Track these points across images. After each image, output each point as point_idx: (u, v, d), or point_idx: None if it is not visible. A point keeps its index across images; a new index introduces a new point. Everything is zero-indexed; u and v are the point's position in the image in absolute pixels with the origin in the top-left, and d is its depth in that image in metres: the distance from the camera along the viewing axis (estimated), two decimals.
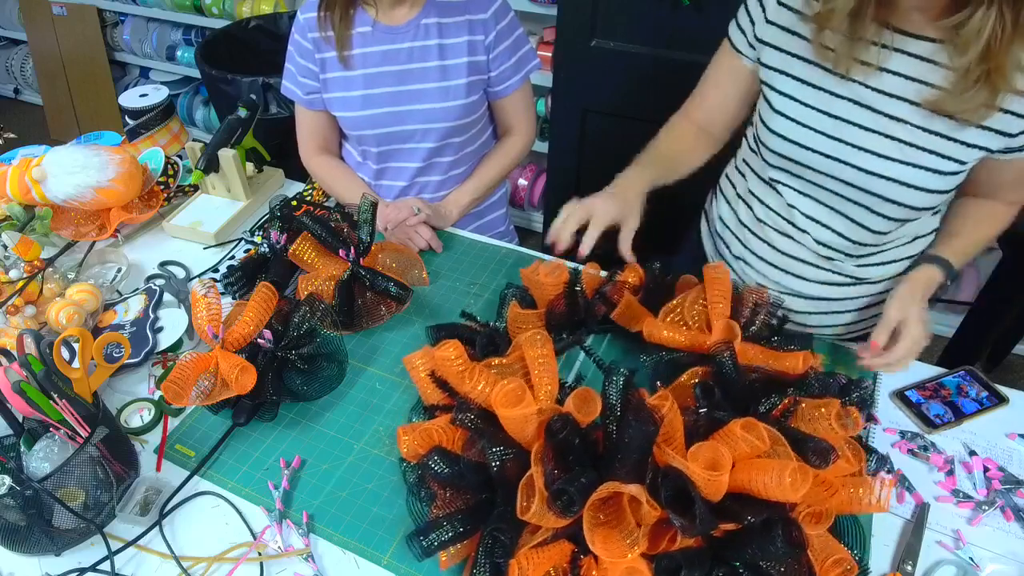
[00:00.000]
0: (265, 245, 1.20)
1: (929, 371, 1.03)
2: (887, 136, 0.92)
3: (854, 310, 1.13)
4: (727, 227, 1.18)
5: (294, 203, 1.40)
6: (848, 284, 1.10)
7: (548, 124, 2.36)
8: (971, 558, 0.80)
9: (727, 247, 1.19)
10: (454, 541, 0.76)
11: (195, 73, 3.19)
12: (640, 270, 1.07)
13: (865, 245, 1.04)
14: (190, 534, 0.84)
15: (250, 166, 1.43)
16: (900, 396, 0.99)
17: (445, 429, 0.84)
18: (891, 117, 0.91)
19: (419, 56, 1.25)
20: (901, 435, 0.94)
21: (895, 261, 1.07)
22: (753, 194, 1.12)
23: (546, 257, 1.24)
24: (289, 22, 2.63)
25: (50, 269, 1.16)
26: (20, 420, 0.84)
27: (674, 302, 1.00)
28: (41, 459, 0.82)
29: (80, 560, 0.81)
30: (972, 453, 0.90)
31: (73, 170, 1.22)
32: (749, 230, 1.13)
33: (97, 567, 0.80)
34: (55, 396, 0.80)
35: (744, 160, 1.15)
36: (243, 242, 1.32)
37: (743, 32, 1.02)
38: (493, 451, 0.77)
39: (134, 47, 3.29)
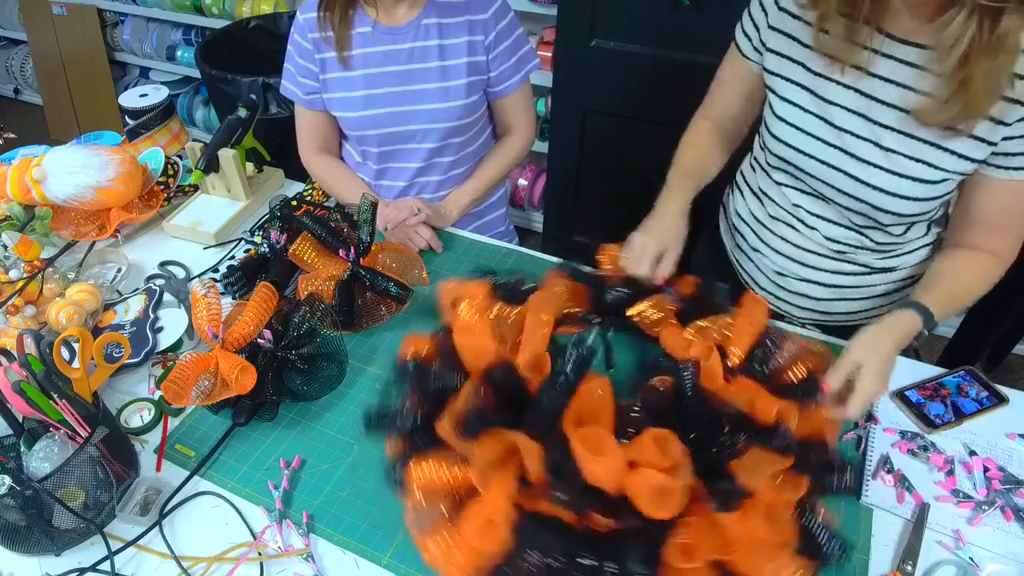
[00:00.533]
0: (265, 245, 1.20)
1: (929, 371, 1.03)
2: (877, 145, 0.92)
3: (878, 295, 1.13)
4: (743, 221, 1.19)
5: (294, 203, 1.40)
6: (869, 273, 1.09)
7: (548, 124, 2.36)
8: (971, 558, 0.80)
9: (744, 239, 1.19)
10: (393, 430, 0.84)
11: (195, 73, 3.19)
12: (694, 283, 1.04)
13: (880, 242, 1.04)
14: (190, 534, 0.84)
15: (250, 166, 1.43)
16: (900, 396, 0.98)
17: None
18: (883, 125, 0.91)
19: (419, 57, 1.25)
20: (901, 435, 0.94)
21: (918, 249, 1.07)
22: (763, 191, 1.13)
23: (544, 257, 1.24)
24: (289, 22, 2.63)
25: (50, 269, 1.16)
26: (20, 420, 0.84)
27: (705, 322, 0.96)
28: (41, 459, 0.82)
29: (80, 560, 0.81)
30: (972, 453, 0.90)
31: (73, 170, 1.22)
32: (763, 225, 1.14)
33: (97, 567, 0.80)
34: (55, 396, 0.80)
35: (755, 158, 1.16)
36: (243, 242, 1.32)
37: (748, 37, 1.03)
38: (442, 371, 0.86)
39: (134, 47, 3.29)
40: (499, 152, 1.42)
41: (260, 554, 0.81)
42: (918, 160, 0.90)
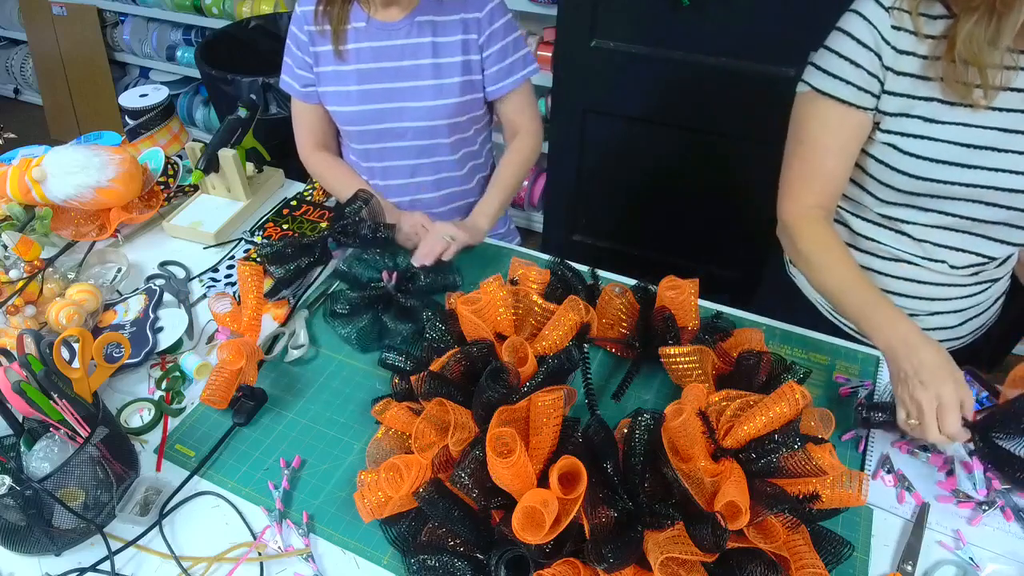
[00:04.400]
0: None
1: None
2: (1014, 152, 0.91)
3: (998, 298, 1.12)
4: None
5: (294, 203, 1.40)
6: (992, 283, 1.09)
7: (548, 124, 2.36)
8: (971, 558, 0.80)
9: None
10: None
11: (195, 73, 3.19)
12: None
13: (998, 255, 1.03)
14: (190, 534, 0.84)
15: (250, 166, 1.43)
16: None
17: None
18: (1018, 132, 0.91)
19: (412, 53, 1.25)
20: (901, 435, 0.94)
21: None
22: (866, 237, 1.08)
23: (544, 257, 1.24)
24: (289, 22, 2.63)
25: (50, 269, 1.16)
26: (20, 420, 0.84)
27: (739, 393, 0.88)
28: (41, 459, 0.82)
29: (80, 560, 0.81)
30: (972, 453, 0.90)
31: (73, 170, 1.22)
32: (877, 272, 1.10)
33: (97, 567, 0.80)
34: (55, 396, 0.80)
35: (842, 208, 1.10)
36: (243, 242, 1.32)
37: (862, 89, 0.95)
38: (435, 324, 1.00)
39: (134, 47, 3.29)
40: (512, 154, 1.39)
41: (260, 554, 0.81)
42: None
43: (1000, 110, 0.91)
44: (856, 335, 1.17)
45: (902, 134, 0.95)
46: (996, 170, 0.93)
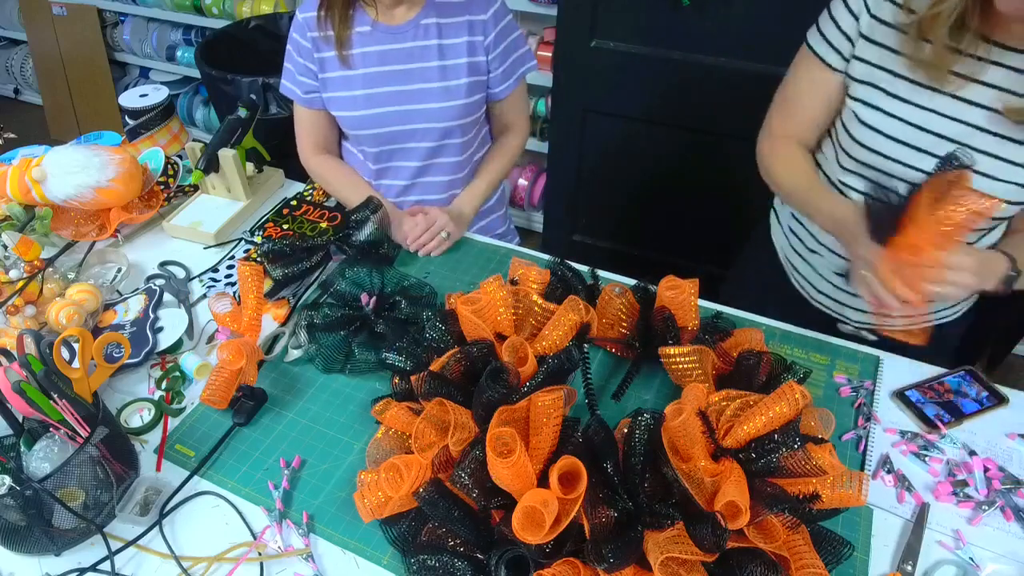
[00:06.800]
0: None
1: (929, 371, 1.03)
2: (971, 148, 0.91)
3: None
4: (800, 223, 1.17)
5: (294, 203, 1.40)
6: None
7: (548, 124, 2.36)
8: (971, 558, 0.80)
9: (800, 241, 1.18)
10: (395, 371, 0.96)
11: (195, 73, 3.19)
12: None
13: None
14: (190, 534, 0.84)
15: (250, 166, 1.43)
16: (900, 396, 0.98)
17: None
18: (978, 128, 0.90)
19: (418, 56, 1.25)
20: (901, 435, 0.94)
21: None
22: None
23: (544, 257, 1.24)
24: (289, 22, 2.63)
25: (50, 269, 1.16)
26: (20, 420, 0.84)
27: (739, 393, 0.88)
28: (41, 459, 0.82)
29: (80, 560, 0.81)
30: (972, 453, 0.90)
31: (73, 170, 1.22)
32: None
33: (97, 567, 0.80)
34: (55, 396, 0.80)
35: (814, 160, 1.13)
36: (243, 242, 1.32)
37: (835, 49, 0.99)
38: (435, 324, 0.99)
39: (134, 47, 3.29)
40: (500, 151, 1.42)
41: (260, 554, 0.81)
42: (1017, 164, 0.90)
43: (968, 102, 0.91)
44: (850, 322, 1.18)
45: (864, 103, 0.98)
46: (936, 158, 0.93)
